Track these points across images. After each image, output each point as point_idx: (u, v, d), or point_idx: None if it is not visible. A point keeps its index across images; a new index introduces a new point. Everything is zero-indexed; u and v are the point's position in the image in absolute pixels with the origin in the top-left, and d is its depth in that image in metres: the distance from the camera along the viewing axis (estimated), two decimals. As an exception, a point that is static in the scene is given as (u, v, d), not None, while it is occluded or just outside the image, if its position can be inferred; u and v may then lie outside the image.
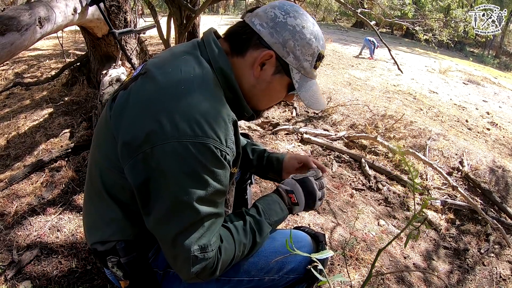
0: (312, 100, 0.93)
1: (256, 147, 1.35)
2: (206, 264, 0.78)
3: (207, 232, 0.78)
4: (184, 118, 0.73)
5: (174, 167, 0.73)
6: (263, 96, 0.94)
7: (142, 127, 0.74)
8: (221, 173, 0.78)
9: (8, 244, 1.74)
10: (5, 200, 2.06)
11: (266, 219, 0.95)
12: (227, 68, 0.85)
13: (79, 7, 2.29)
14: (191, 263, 0.77)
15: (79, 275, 1.61)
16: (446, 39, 6.57)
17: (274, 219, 0.97)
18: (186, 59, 0.84)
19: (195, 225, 0.76)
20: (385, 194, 2.91)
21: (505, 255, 2.50)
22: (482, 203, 3.04)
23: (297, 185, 1.03)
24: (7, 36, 1.60)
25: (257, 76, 0.89)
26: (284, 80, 0.91)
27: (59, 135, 2.87)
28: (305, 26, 0.86)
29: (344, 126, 4.21)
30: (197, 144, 0.72)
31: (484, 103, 8.17)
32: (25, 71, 5.14)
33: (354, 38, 17.57)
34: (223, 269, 0.85)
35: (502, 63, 21.19)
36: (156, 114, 0.74)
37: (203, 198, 0.75)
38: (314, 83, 0.96)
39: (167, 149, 0.72)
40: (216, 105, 0.78)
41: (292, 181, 1.05)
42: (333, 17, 26.01)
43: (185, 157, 0.72)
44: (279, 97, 0.98)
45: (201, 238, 0.77)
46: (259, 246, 0.95)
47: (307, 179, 1.05)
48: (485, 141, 5.12)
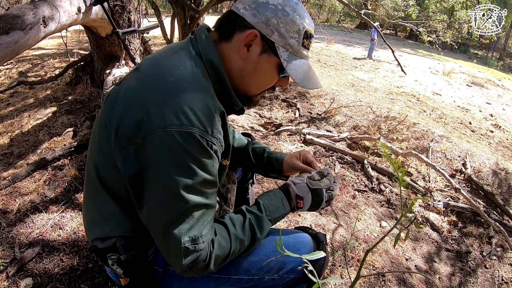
0: (303, 79, 0.90)
1: (257, 147, 1.33)
2: (197, 256, 0.78)
3: (198, 223, 0.78)
4: (171, 109, 0.74)
5: (161, 157, 0.74)
6: (253, 79, 0.92)
7: (132, 118, 0.76)
8: (208, 163, 0.78)
9: (11, 241, 1.75)
10: (8, 197, 2.07)
11: (267, 216, 0.95)
12: (216, 60, 0.86)
13: (83, 6, 2.30)
14: (183, 255, 0.77)
15: (81, 273, 1.61)
16: (450, 40, 6.55)
17: (275, 215, 0.97)
18: (178, 53, 0.87)
19: (184, 216, 0.76)
20: (387, 195, 2.90)
21: (507, 258, 2.49)
22: (485, 205, 3.03)
23: (309, 195, 1.03)
24: (11, 34, 1.61)
25: (244, 58, 0.88)
26: (272, 59, 0.89)
27: (62, 134, 2.88)
28: (287, 5, 0.86)
29: (347, 127, 4.20)
30: (182, 133, 0.73)
31: (487, 105, 8.14)
32: (29, 70, 5.17)
33: (358, 39, 17.55)
34: (218, 264, 0.84)
35: (506, 65, 21.13)
36: (145, 105, 0.76)
37: (190, 187, 0.75)
38: (305, 63, 0.93)
39: (155, 140, 0.73)
40: (203, 96, 0.79)
41: (306, 188, 1.03)
42: (336, 18, 26.00)
43: (171, 146, 0.73)
44: (270, 79, 0.94)
45: (191, 229, 0.77)
46: (259, 242, 0.95)
47: (321, 191, 1.04)
48: (489, 143, 5.10)
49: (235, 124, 3.67)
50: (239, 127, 3.62)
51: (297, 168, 1.21)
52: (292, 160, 1.23)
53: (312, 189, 1.03)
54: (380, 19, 6.89)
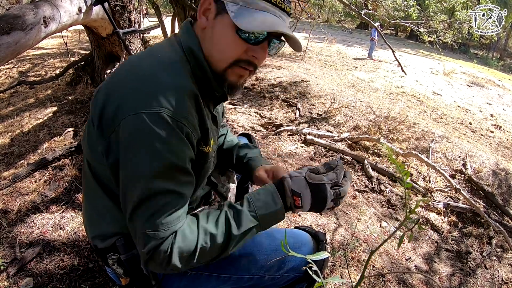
0: (258, 26, 0.79)
1: (240, 150, 1.24)
2: (157, 245, 0.75)
3: (161, 210, 0.75)
4: (143, 92, 0.75)
5: (131, 140, 0.73)
6: (214, 46, 0.85)
7: (111, 107, 0.76)
8: (177, 145, 0.75)
9: (11, 241, 1.75)
10: (8, 197, 2.07)
11: (251, 211, 0.84)
12: (194, 46, 0.86)
13: (84, 6, 2.30)
14: (144, 241, 0.75)
15: (81, 273, 1.62)
16: (450, 40, 6.55)
17: (262, 212, 0.85)
18: (161, 44, 0.89)
19: (149, 200, 0.74)
20: (388, 196, 2.90)
21: (507, 258, 2.49)
22: (485, 206, 3.03)
23: (307, 190, 0.86)
24: (12, 35, 1.61)
25: (203, 27, 0.86)
26: (225, 19, 0.81)
27: (62, 134, 2.88)
28: None
29: (347, 127, 4.20)
30: (151, 114, 0.72)
31: (488, 105, 8.14)
32: (29, 70, 5.17)
33: (358, 39, 17.54)
34: (184, 260, 0.78)
35: (507, 65, 21.10)
36: (122, 92, 0.77)
37: (158, 171, 0.74)
38: (266, 14, 0.80)
39: (127, 123, 0.73)
40: (176, 79, 0.79)
41: (303, 181, 0.87)
42: (337, 18, 25.98)
43: (140, 129, 0.72)
44: (230, 43, 0.83)
45: (154, 215, 0.75)
46: (239, 240, 0.83)
47: (324, 187, 0.85)
48: (489, 144, 5.10)
49: (236, 124, 3.67)
50: (240, 127, 3.63)
51: (261, 181, 1.10)
52: (259, 172, 1.13)
53: (312, 184, 0.86)
54: (381, 19, 6.89)
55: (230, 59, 0.84)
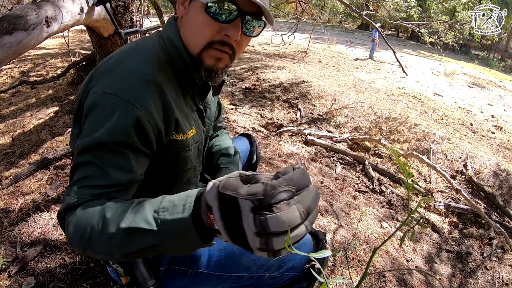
0: None
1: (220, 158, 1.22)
2: (65, 209, 0.74)
3: (80, 181, 0.74)
4: (107, 75, 0.80)
5: (85, 116, 0.79)
6: (189, 30, 0.86)
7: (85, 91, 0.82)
8: (117, 125, 0.75)
9: (12, 241, 1.76)
10: (10, 197, 2.08)
11: (155, 211, 0.64)
12: (172, 34, 0.89)
13: (86, 7, 2.30)
14: (62, 201, 0.79)
15: (82, 272, 1.62)
16: (451, 41, 6.55)
17: (166, 217, 0.62)
18: (148, 37, 0.93)
19: (76, 169, 0.77)
20: (388, 196, 2.91)
21: (508, 259, 2.49)
22: (486, 206, 3.03)
23: (215, 202, 0.55)
24: (14, 35, 1.62)
25: (181, 16, 0.89)
26: (197, 2, 0.82)
27: (64, 134, 2.89)
28: None
29: (348, 128, 4.20)
30: (105, 94, 0.76)
31: (489, 106, 8.13)
32: (31, 70, 5.18)
33: (360, 40, 17.54)
34: (78, 234, 0.69)
35: (508, 66, 21.08)
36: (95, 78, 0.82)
37: (90, 145, 0.75)
38: None
39: (87, 100, 0.79)
40: (142, 66, 0.81)
41: (215, 190, 0.56)
42: (338, 19, 25.96)
43: (92, 106, 0.77)
44: (201, 23, 0.82)
45: (75, 182, 0.75)
46: (121, 239, 0.65)
47: (236, 202, 0.52)
48: (490, 145, 5.09)
49: (237, 125, 3.68)
50: (241, 128, 3.63)
51: None
52: None
53: (221, 194, 0.54)
54: (382, 20, 6.88)
55: (203, 41, 0.83)
